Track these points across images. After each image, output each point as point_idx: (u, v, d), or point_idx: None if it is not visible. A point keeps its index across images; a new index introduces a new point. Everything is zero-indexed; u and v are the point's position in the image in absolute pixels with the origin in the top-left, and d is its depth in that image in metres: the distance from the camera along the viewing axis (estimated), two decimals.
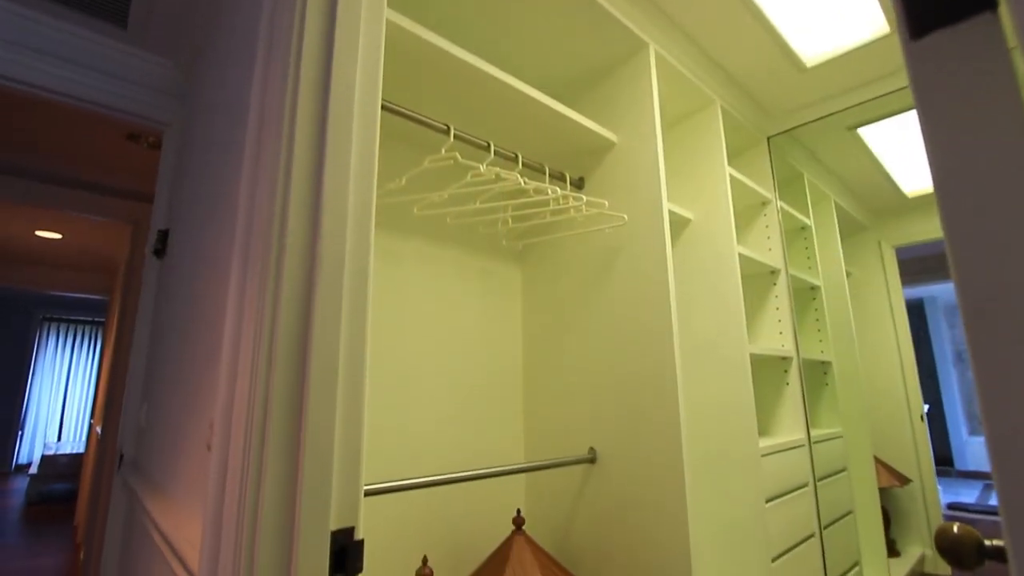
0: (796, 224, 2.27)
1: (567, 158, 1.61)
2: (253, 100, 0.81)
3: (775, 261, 1.94)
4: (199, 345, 1.07)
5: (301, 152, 0.69)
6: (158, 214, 1.79)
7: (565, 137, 1.48)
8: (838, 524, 1.98)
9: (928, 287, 4.03)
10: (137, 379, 1.71)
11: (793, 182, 2.33)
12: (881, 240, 3.04)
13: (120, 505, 1.62)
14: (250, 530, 0.59)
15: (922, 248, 3.37)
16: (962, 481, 4.46)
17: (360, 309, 0.67)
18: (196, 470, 0.93)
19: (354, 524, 0.62)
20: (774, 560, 1.50)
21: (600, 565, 1.34)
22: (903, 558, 2.68)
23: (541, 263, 1.64)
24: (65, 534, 4.00)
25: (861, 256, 3.09)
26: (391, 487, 0.99)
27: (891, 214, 3.01)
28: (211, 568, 0.64)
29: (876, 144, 2.27)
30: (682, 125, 1.85)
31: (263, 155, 0.75)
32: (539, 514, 1.52)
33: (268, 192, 0.70)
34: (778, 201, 2.03)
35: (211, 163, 1.27)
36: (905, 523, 2.85)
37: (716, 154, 1.75)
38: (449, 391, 1.43)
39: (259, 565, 0.58)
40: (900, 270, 3.06)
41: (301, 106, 0.70)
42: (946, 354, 4.12)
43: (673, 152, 1.86)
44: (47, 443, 6.30)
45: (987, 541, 0.61)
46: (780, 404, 1.90)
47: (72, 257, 4.50)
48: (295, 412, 0.61)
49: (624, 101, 1.50)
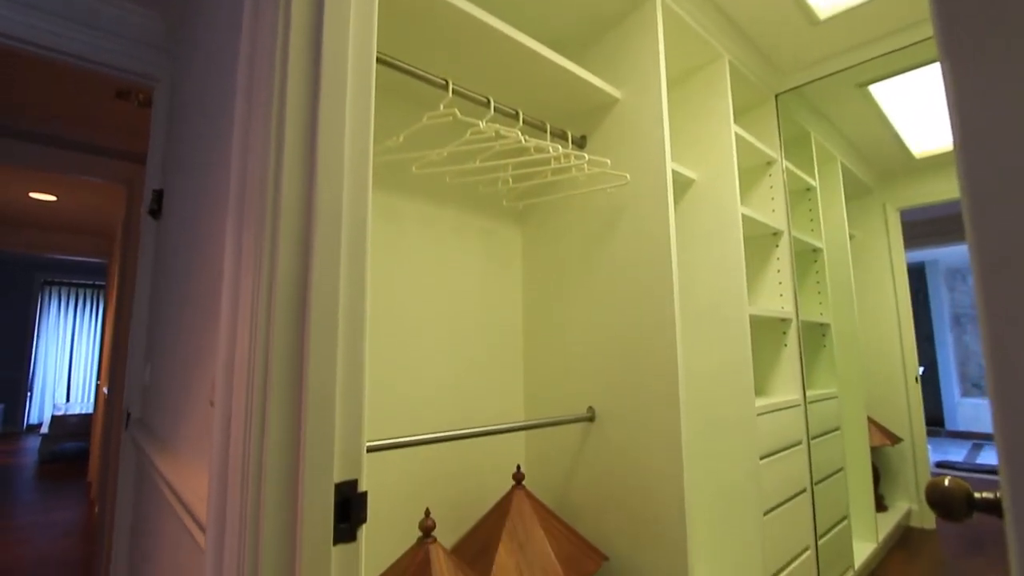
0: (801, 185, 2.24)
1: (569, 116, 1.57)
2: (242, 52, 0.78)
3: (778, 223, 1.92)
4: (199, 303, 1.07)
5: (294, 104, 0.67)
6: (152, 174, 1.76)
7: (567, 93, 1.43)
8: (829, 480, 2.03)
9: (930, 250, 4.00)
10: (139, 340, 1.72)
11: (799, 142, 2.28)
12: (886, 202, 3.01)
13: (129, 462, 1.66)
14: (255, 483, 0.60)
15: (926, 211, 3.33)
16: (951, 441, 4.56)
17: (359, 264, 0.67)
18: (200, 426, 0.95)
19: (357, 477, 0.63)
20: (766, 514, 1.54)
21: (598, 519, 1.38)
22: (890, 512, 2.77)
23: (542, 224, 1.62)
24: (79, 490, 4.13)
25: (865, 218, 3.06)
26: (393, 443, 1.01)
27: (897, 176, 2.96)
28: (219, 520, 0.66)
29: (886, 102, 2.21)
30: (688, 82, 1.80)
31: (254, 109, 0.73)
32: (539, 472, 1.55)
33: (261, 147, 0.68)
34: (783, 161, 1.99)
35: (203, 119, 1.23)
36: (894, 480, 2.93)
37: (722, 112, 1.70)
38: (449, 351, 1.44)
39: (265, 516, 0.59)
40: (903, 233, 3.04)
41: (292, 57, 0.68)
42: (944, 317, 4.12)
43: (678, 110, 1.81)
44: (56, 404, 6.43)
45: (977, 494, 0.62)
46: (777, 365, 1.92)
47: (68, 220, 4.46)
48: (296, 367, 0.61)
49: (628, 56, 1.45)
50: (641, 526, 1.29)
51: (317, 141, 0.66)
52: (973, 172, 0.33)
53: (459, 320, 1.47)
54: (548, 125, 1.35)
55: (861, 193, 3.03)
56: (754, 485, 1.53)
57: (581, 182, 1.50)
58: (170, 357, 1.32)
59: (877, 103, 2.21)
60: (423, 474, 1.33)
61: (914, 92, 2.13)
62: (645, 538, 1.27)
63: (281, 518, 0.59)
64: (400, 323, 1.34)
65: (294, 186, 0.65)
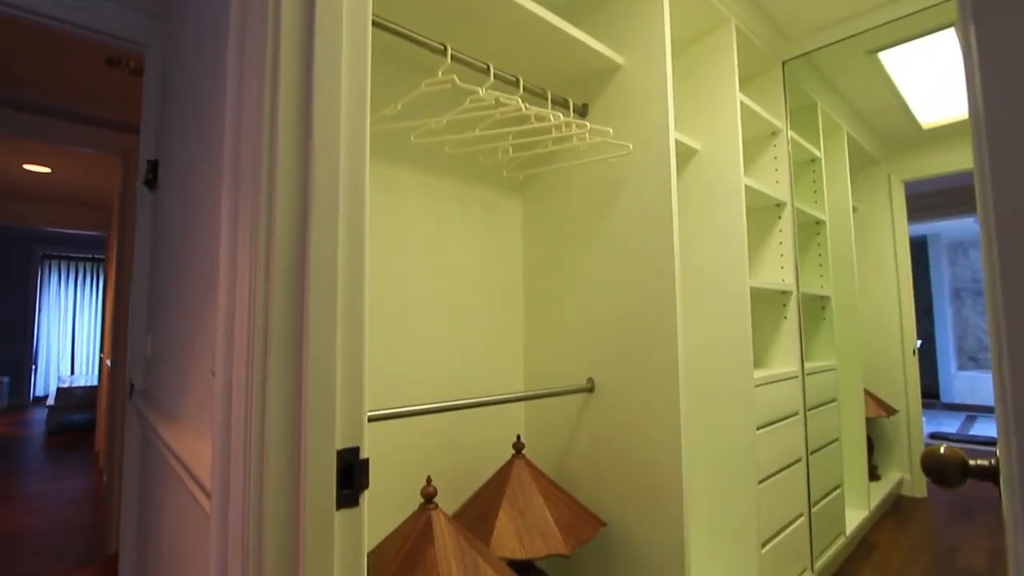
0: (806, 156, 2.21)
1: (571, 83, 1.53)
2: (233, 16, 0.75)
3: (781, 194, 1.89)
4: (197, 274, 1.07)
5: (287, 68, 0.65)
6: (146, 144, 1.73)
7: (569, 59, 1.39)
8: (824, 450, 2.06)
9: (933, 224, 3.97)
10: (140, 312, 1.72)
11: (805, 111, 2.23)
12: (891, 174, 2.97)
13: (135, 432, 1.68)
14: (258, 451, 0.61)
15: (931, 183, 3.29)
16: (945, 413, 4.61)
17: (357, 233, 0.66)
18: (203, 396, 0.96)
19: (359, 444, 0.64)
20: (761, 482, 1.57)
21: (596, 487, 1.41)
22: (883, 481, 2.83)
23: (543, 195, 1.60)
24: (87, 460, 4.21)
25: (869, 191, 3.03)
26: (395, 413, 1.02)
27: (903, 147, 2.92)
28: (223, 488, 0.67)
29: (896, 70, 2.16)
30: (692, 48, 1.75)
31: (246, 75, 0.71)
32: (538, 442, 1.58)
33: (254, 115, 0.66)
34: (789, 131, 1.95)
35: (195, 87, 1.20)
36: (888, 450, 2.98)
37: (727, 80, 1.66)
38: (449, 323, 1.44)
39: (269, 482, 0.60)
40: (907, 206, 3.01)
41: (285, 19, 0.65)
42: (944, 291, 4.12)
43: (682, 78, 1.77)
44: (61, 376, 6.50)
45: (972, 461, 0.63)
46: (777, 337, 1.92)
47: (64, 192, 4.42)
48: (295, 335, 0.61)
49: (632, 21, 1.40)
50: (639, 493, 1.31)
51: (312, 108, 0.64)
52: (995, 135, 0.32)
53: (459, 292, 1.47)
54: (549, 93, 1.32)
55: (866, 164, 2.99)
56: (750, 455, 1.55)
57: (582, 152, 1.48)
58: (171, 328, 1.32)
59: (886, 71, 2.15)
60: (425, 445, 1.35)
61: (924, 60, 2.08)
62: (643, 505, 1.30)
63: (284, 484, 0.60)
64: (401, 293, 1.33)
65: (290, 155, 0.64)
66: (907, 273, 2.96)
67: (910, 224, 3.06)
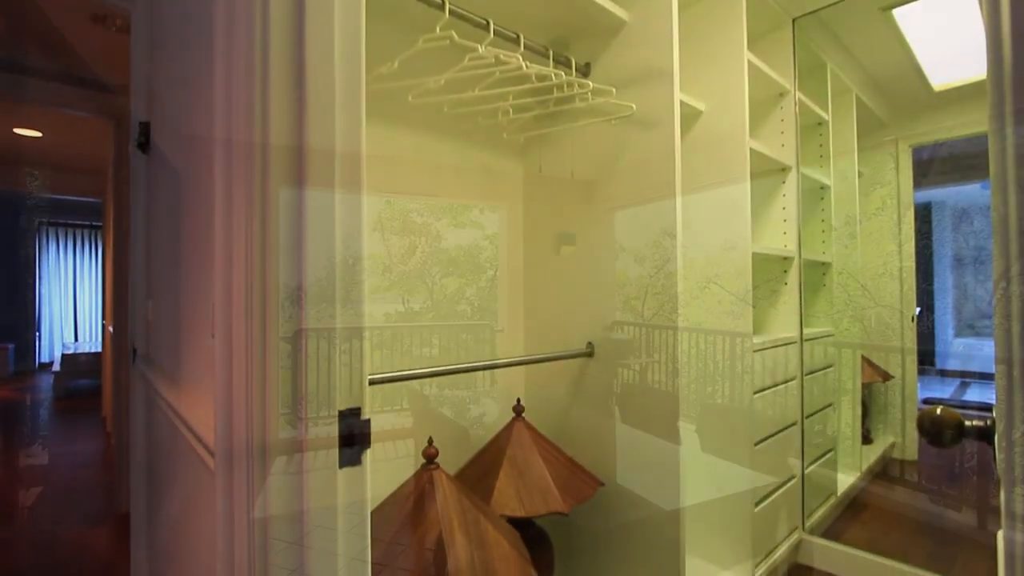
0: (813, 119, 2.15)
1: (573, 41, 1.48)
2: None
3: (787, 158, 1.86)
4: (194, 236, 1.06)
5: (278, 21, 0.62)
6: (137, 106, 1.69)
7: (570, 13, 1.34)
8: (819, 414, 2.10)
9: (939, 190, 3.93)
10: (139, 277, 1.72)
11: (814, 73, 2.16)
12: (899, 139, 2.91)
13: (139, 396, 1.70)
14: (259, 412, 0.61)
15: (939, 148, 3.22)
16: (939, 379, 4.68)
17: (354, 187, 0.64)
18: (204, 359, 0.96)
19: (360, 405, 0.64)
20: (756, 444, 1.60)
21: (595, 450, 1.43)
22: (875, 445, 2.89)
23: (543, 157, 1.57)
24: (95, 424, 4.29)
25: (875, 156, 2.97)
26: (395, 376, 1.02)
27: (914, 110, 2.84)
28: (226, 450, 0.68)
29: (910, 28, 2.08)
30: (699, 3, 1.68)
31: (235, 31, 0.68)
32: (538, 405, 1.60)
33: (245, 73, 0.64)
34: (797, 93, 1.90)
35: (183, 45, 1.16)
36: (882, 414, 3.03)
37: (735, 36, 1.60)
38: (450, 288, 1.44)
39: (271, 442, 0.61)
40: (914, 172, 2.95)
41: None
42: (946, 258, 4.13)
43: (687, 36, 1.71)
44: (65, 344, 6.56)
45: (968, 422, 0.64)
46: (776, 302, 1.93)
47: (57, 157, 4.35)
48: (294, 298, 0.61)
49: None
50: (636, 455, 1.34)
51: (305, 64, 0.62)
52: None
53: (459, 257, 1.46)
54: (551, 51, 1.28)
55: (874, 128, 2.92)
56: (747, 418, 1.58)
57: (585, 113, 1.44)
58: (170, 293, 1.32)
59: (900, 29, 2.08)
60: (426, 411, 1.37)
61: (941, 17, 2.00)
62: (640, 465, 1.33)
63: (287, 444, 0.61)
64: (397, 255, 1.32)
65: (282, 113, 0.62)
66: (910, 240, 2.93)
67: (915, 191, 3.02)
